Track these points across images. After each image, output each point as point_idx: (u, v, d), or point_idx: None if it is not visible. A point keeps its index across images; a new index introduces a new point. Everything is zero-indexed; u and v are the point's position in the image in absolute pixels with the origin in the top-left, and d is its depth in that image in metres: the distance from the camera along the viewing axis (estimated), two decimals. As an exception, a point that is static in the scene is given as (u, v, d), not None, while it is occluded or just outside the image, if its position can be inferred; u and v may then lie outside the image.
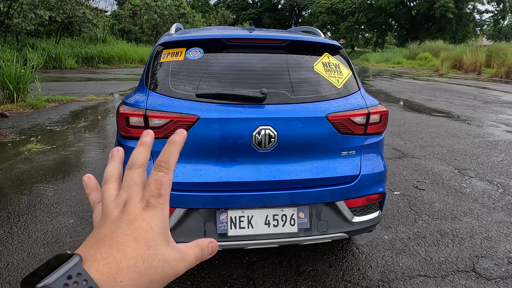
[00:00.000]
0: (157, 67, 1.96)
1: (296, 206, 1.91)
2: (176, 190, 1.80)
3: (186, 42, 1.98)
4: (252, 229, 1.86)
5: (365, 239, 2.71)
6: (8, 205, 3.09)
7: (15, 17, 14.99)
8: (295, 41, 2.05)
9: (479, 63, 19.39)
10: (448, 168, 4.34)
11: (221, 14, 38.44)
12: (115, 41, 22.04)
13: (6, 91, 7.24)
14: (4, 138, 5.11)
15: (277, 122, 1.81)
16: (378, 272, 2.33)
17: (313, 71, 2.00)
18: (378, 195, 2.07)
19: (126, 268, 0.34)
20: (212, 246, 0.42)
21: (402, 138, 5.69)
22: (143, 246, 0.35)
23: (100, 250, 0.34)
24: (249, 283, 2.19)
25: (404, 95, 10.48)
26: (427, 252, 2.56)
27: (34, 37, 18.02)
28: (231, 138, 1.80)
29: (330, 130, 1.89)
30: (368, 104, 1.99)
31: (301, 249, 2.54)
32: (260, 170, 1.85)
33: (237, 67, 2.01)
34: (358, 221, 2.00)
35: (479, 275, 2.31)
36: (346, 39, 49.17)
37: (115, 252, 0.34)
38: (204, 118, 1.76)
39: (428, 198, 3.49)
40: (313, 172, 1.90)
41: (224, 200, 1.83)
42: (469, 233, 2.85)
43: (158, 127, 1.76)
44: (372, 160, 2.04)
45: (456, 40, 34.62)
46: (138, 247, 0.35)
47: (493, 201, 3.45)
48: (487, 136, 5.95)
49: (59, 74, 14.10)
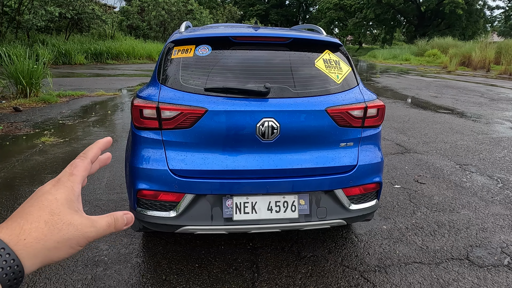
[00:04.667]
0: (168, 63, 2.10)
1: (297, 193, 2.04)
2: (186, 177, 1.94)
3: (195, 40, 2.11)
4: (255, 214, 2.00)
5: (364, 228, 2.84)
6: (27, 194, 3.27)
7: (26, 13, 15.28)
8: (298, 39, 2.18)
9: (488, 60, 19.21)
10: (449, 163, 4.43)
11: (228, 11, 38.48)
12: (123, 37, 22.28)
13: (19, 86, 7.46)
14: (19, 131, 5.31)
15: (280, 115, 1.94)
16: (375, 258, 2.46)
17: (314, 67, 2.12)
18: (375, 185, 2.19)
19: (29, 229, 0.39)
20: (127, 217, 0.48)
21: (405, 134, 5.77)
22: (46, 213, 0.41)
23: (7, 221, 0.41)
24: (253, 266, 2.33)
25: (410, 92, 10.51)
26: (424, 241, 2.68)
27: (44, 33, 18.32)
28: (237, 129, 1.93)
29: (329, 122, 2.01)
30: (366, 98, 2.11)
31: (302, 236, 2.67)
32: (263, 159, 1.98)
33: (243, 63, 2.14)
34: (356, 208, 2.13)
35: (472, 263, 2.42)
36: (353, 36, 48.88)
37: (20, 219, 0.40)
38: (212, 111, 1.90)
39: (428, 191, 3.60)
40: (313, 162, 2.03)
41: (229, 187, 1.97)
42: (465, 224, 2.96)
43: (169, 118, 1.91)
44: (369, 151, 2.16)
45: (465, 36, 34.22)
46: (41, 214, 0.41)
47: (491, 195, 3.54)
48: (491, 133, 6.00)
49: (69, 70, 14.36)
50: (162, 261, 2.36)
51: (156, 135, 1.94)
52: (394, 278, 2.25)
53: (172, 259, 2.38)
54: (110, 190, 3.38)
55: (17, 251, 0.38)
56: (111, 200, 3.19)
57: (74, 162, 0.48)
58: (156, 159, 1.95)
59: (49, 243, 0.40)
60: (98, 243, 2.53)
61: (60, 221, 0.42)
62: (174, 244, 2.54)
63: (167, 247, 2.51)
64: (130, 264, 2.32)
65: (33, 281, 2.12)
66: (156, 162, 1.95)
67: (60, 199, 0.43)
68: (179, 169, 1.94)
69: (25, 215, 0.41)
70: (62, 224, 0.42)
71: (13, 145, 4.69)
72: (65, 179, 0.46)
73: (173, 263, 2.34)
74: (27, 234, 0.39)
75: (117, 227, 0.47)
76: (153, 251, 2.46)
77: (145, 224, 2.07)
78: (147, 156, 1.96)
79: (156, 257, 2.40)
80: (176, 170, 1.94)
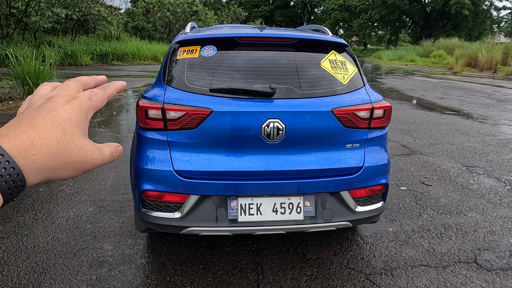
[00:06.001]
0: (173, 63, 2.10)
1: (302, 195, 2.02)
2: (191, 178, 1.94)
3: (200, 40, 2.11)
4: (260, 216, 1.99)
5: (370, 231, 2.81)
6: (32, 194, 3.29)
7: (32, 15, 15.43)
8: (303, 39, 2.16)
9: (495, 61, 19.02)
10: (456, 165, 4.38)
11: (233, 12, 38.56)
12: (128, 38, 22.41)
13: (26, 87, 7.52)
14: (25, 132, 5.35)
15: (285, 116, 1.93)
16: (381, 261, 2.43)
17: (320, 67, 2.10)
18: (381, 187, 2.16)
19: (40, 145, 0.37)
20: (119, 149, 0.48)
21: (411, 135, 5.73)
22: (59, 131, 0.39)
23: (15, 129, 0.37)
24: (258, 268, 2.32)
25: (416, 93, 10.43)
26: (430, 244, 2.65)
27: (51, 34, 18.49)
28: (242, 130, 1.92)
29: (335, 123, 2.00)
30: (372, 99, 2.09)
31: (308, 238, 2.65)
32: (268, 161, 1.97)
33: (248, 63, 2.13)
34: (362, 210, 2.10)
35: (480, 266, 2.39)
36: (358, 37, 48.73)
37: (30, 131, 0.37)
38: (217, 111, 1.89)
39: (434, 193, 3.56)
40: (318, 163, 2.01)
41: (234, 188, 1.96)
42: (473, 227, 2.92)
43: (174, 119, 1.90)
44: (375, 153, 2.14)
45: (472, 37, 33.95)
46: (54, 130, 0.38)
47: (499, 197, 3.50)
48: (498, 134, 5.93)
49: (74, 70, 14.46)
50: (167, 262, 2.35)
51: (161, 136, 1.94)
52: (401, 281, 2.22)
53: (176, 260, 2.38)
54: (115, 191, 3.39)
55: (23, 166, 0.36)
56: (116, 200, 3.19)
57: (95, 90, 0.45)
58: (161, 160, 1.95)
59: (57, 163, 0.39)
60: (103, 243, 2.53)
61: (72, 142, 0.40)
62: (178, 245, 2.53)
63: (172, 248, 2.50)
64: (135, 265, 2.31)
65: (38, 281, 2.13)
66: (161, 163, 1.94)
67: (74, 119, 0.41)
68: (184, 170, 1.93)
69: (36, 128, 0.37)
70: (73, 146, 0.40)
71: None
72: (83, 100, 0.43)
73: (178, 264, 2.33)
74: (37, 150, 0.37)
75: (114, 157, 0.46)
76: (157, 252, 2.46)
77: (149, 225, 2.07)
78: (152, 157, 1.96)
79: (161, 258, 2.39)
80: (181, 171, 1.93)
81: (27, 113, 0.39)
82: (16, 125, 0.37)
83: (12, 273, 2.19)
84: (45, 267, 2.26)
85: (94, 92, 0.45)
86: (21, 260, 2.32)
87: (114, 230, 2.72)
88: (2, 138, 0.36)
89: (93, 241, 2.56)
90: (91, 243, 2.54)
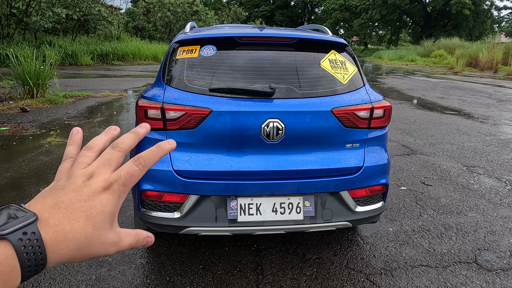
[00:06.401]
0: (173, 63, 2.09)
1: (302, 195, 2.02)
2: (190, 178, 1.93)
3: (200, 40, 2.10)
4: (260, 216, 1.98)
5: (369, 231, 2.80)
6: (33, 193, 3.29)
7: (33, 15, 15.44)
8: (303, 39, 2.16)
9: (495, 60, 19.00)
10: (456, 165, 4.37)
11: (233, 12, 38.56)
12: (129, 38, 22.42)
13: (26, 87, 7.52)
14: (25, 132, 5.35)
15: (285, 115, 1.93)
16: (381, 261, 2.42)
17: (320, 67, 2.10)
18: (381, 187, 2.16)
19: (70, 240, 0.38)
20: (148, 240, 0.47)
21: (412, 135, 5.72)
22: (90, 225, 0.39)
23: (54, 216, 0.38)
24: (257, 268, 2.31)
25: (416, 93, 10.42)
26: (430, 244, 2.64)
27: (51, 34, 18.50)
28: (241, 130, 1.92)
29: (335, 123, 1.99)
30: (372, 99, 2.08)
31: (308, 238, 2.65)
32: (268, 160, 1.96)
33: (248, 63, 2.13)
34: (361, 210, 2.10)
35: (480, 267, 2.38)
36: (359, 37, 48.71)
37: (66, 223, 0.38)
38: (216, 111, 1.89)
39: (434, 193, 3.55)
40: (318, 163, 2.01)
41: (234, 188, 1.96)
42: (473, 227, 2.91)
43: (174, 119, 1.90)
44: (375, 152, 2.13)
45: (472, 37, 33.91)
46: (86, 225, 0.39)
47: (500, 197, 3.49)
48: (499, 134, 5.92)
49: (75, 70, 14.47)
50: (166, 262, 2.35)
51: (161, 136, 1.94)
52: (401, 282, 2.22)
53: (176, 260, 2.37)
54: (115, 191, 3.38)
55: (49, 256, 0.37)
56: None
57: (132, 172, 0.43)
58: (160, 159, 1.94)
59: (77, 255, 0.39)
60: (103, 243, 2.53)
61: (97, 237, 0.40)
62: (178, 245, 2.53)
63: (171, 248, 2.50)
64: (134, 265, 2.31)
65: (38, 281, 2.13)
66: (161, 163, 1.94)
67: (106, 212, 0.41)
68: (184, 170, 1.93)
69: (72, 221, 0.38)
70: (97, 241, 0.40)
71: (20, 145, 4.72)
72: (117, 188, 0.42)
73: (177, 264, 2.33)
74: (65, 245, 0.38)
75: (135, 247, 0.46)
76: (157, 252, 2.45)
77: (149, 225, 2.06)
78: (152, 157, 1.95)
79: (160, 258, 2.39)
80: (181, 171, 1.93)
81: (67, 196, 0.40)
82: (56, 208, 0.38)
83: (11, 273, 2.19)
84: (45, 267, 2.26)
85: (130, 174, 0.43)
86: (21, 260, 2.32)
87: (114, 230, 2.71)
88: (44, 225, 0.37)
89: (92, 241, 2.56)
90: (91, 243, 2.53)
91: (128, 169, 0.43)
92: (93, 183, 0.41)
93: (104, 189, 0.41)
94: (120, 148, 0.45)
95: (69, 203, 0.39)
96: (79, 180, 0.41)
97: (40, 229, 0.36)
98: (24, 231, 0.35)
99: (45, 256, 0.36)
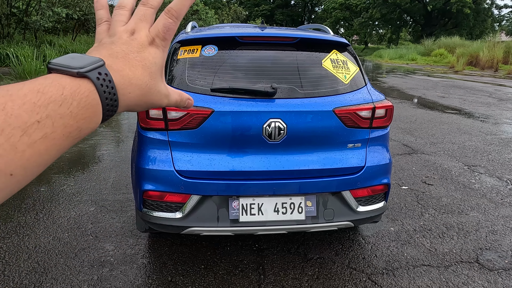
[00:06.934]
0: (174, 63, 2.09)
1: (303, 195, 2.02)
2: (192, 178, 1.93)
3: (201, 40, 2.10)
4: (262, 216, 1.98)
5: (371, 230, 2.80)
6: (33, 193, 3.29)
7: (33, 14, 15.42)
8: (305, 38, 2.15)
9: (496, 59, 18.97)
10: (458, 164, 4.37)
11: (233, 11, 38.51)
12: (129, 38, 22.37)
13: (27, 86, 7.51)
14: (26, 131, 5.35)
15: (287, 115, 1.92)
16: (383, 261, 2.42)
17: (322, 67, 2.10)
18: (383, 186, 2.16)
19: (134, 85, 0.41)
20: (189, 102, 0.53)
21: (412, 134, 5.72)
22: (147, 74, 0.43)
23: (116, 63, 0.40)
24: (259, 268, 2.31)
25: (417, 92, 10.41)
26: (432, 244, 2.64)
27: (52, 34, 18.48)
28: (243, 130, 1.92)
29: (337, 123, 1.99)
30: (374, 99, 2.08)
31: (309, 238, 2.65)
32: (270, 160, 1.96)
33: (250, 63, 2.12)
34: (363, 210, 2.10)
35: (482, 266, 2.38)
36: (359, 35, 48.64)
37: (128, 69, 0.41)
38: (218, 111, 1.88)
39: (436, 193, 3.55)
40: (320, 163, 2.01)
41: (236, 188, 1.96)
42: (474, 226, 2.91)
43: (175, 119, 1.90)
44: (377, 152, 2.13)
45: (473, 36, 33.85)
46: (144, 73, 0.42)
47: (501, 197, 3.49)
48: (500, 134, 5.92)
49: (75, 70, 14.45)
50: (168, 262, 2.35)
51: (162, 136, 1.94)
52: (402, 281, 2.22)
53: (178, 260, 2.37)
54: (116, 191, 3.39)
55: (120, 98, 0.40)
56: (117, 200, 3.19)
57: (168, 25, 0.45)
58: (162, 160, 1.94)
59: (141, 101, 0.43)
60: (104, 243, 2.53)
61: (155, 86, 0.44)
62: (180, 245, 2.53)
63: (173, 248, 2.50)
64: (136, 265, 2.31)
65: (40, 282, 2.13)
66: (162, 163, 1.94)
67: (158, 63, 0.44)
68: (185, 170, 1.93)
69: (132, 68, 0.41)
70: (155, 89, 0.44)
71: (21, 145, 4.72)
72: (159, 42, 0.45)
73: (179, 264, 2.33)
74: (132, 90, 0.41)
75: (179, 106, 0.51)
76: (159, 252, 2.45)
77: (151, 225, 2.06)
78: (153, 157, 1.96)
79: (162, 258, 2.39)
80: (182, 171, 1.93)
81: (119, 47, 0.42)
82: (114, 57, 0.41)
83: (13, 273, 2.19)
84: (47, 267, 2.26)
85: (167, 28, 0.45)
86: (23, 260, 2.32)
87: (115, 230, 2.72)
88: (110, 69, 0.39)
89: (94, 241, 2.56)
90: (93, 243, 2.54)
91: (163, 22, 0.45)
92: (139, 37, 0.44)
93: (149, 43, 0.44)
94: (151, 4, 0.47)
95: (124, 54, 0.42)
96: (124, 35, 0.44)
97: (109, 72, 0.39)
98: (99, 71, 0.37)
99: (117, 97, 0.39)
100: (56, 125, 0.33)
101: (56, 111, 0.33)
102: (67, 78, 0.35)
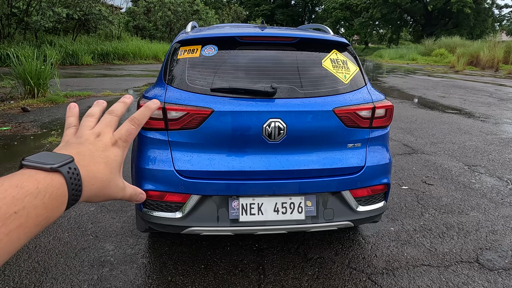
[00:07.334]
0: (174, 63, 2.09)
1: (303, 194, 2.02)
2: (192, 177, 1.93)
3: (201, 40, 2.10)
4: (262, 216, 1.98)
5: (371, 230, 2.80)
6: (33, 193, 3.29)
7: (34, 14, 15.44)
8: (305, 38, 2.15)
9: (496, 59, 18.97)
10: (458, 164, 4.37)
11: (234, 11, 38.51)
12: (129, 38, 22.41)
13: (27, 86, 7.53)
14: (26, 131, 5.36)
15: (286, 115, 1.92)
16: (383, 261, 2.42)
17: (322, 67, 2.10)
18: (383, 186, 2.16)
19: (98, 178, 0.47)
20: (141, 197, 0.58)
21: (413, 134, 5.71)
22: (108, 169, 0.50)
23: (83, 159, 0.47)
24: (259, 267, 2.31)
25: (417, 92, 10.41)
26: (432, 244, 2.64)
27: (52, 34, 18.50)
28: (243, 129, 1.92)
29: (337, 123, 1.99)
30: (373, 98, 2.08)
31: (309, 238, 2.65)
32: (270, 160, 1.96)
33: (249, 63, 2.12)
34: (363, 210, 2.10)
35: (482, 266, 2.38)
36: (360, 35, 48.62)
37: (92, 165, 0.47)
38: (218, 111, 1.88)
39: (436, 192, 3.55)
40: (320, 163, 2.01)
41: (236, 188, 1.96)
42: (475, 226, 2.91)
43: (175, 119, 1.90)
44: (377, 152, 2.13)
45: (473, 36, 33.84)
46: (106, 168, 0.49)
47: (501, 197, 3.49)
48: (500, 133, 5.92)
49: (76, 70, 14.47)
50: (168, 262, 2.35)
51: (162, 136, 1.94)
52: (402, 281, 2.22)
53: (178, 260, 2.38)
54: (116, 190, 3.39)
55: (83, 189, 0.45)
56: (117, 200, 3.19)
57: (130, 130, 0.54)
58: (162, 159, 1.94)
59: (100, 193, 0.49)
60: (104, 243, 2.53)
61: (113, 180, 0.50)
62: (180, 245, 2.53)
63: (173, 248, 2.50)
64: (136, 265, 2.31)
65: (40, 281, 2.13)
66: (162, 163, 1.94)
67: (118, 161, 0.52)
68: (185, 170, 1.93)
69: (97, 164, 0.48)
70: (113, 183, 0.50)
71: (21, 145, 4.73)
72: (121, 143, 0.53)
73: (179, 264, 2.33)
74: (94, 182, 0.47)
75: (131, 200, 0.57)
76: (159, 252, 2.46)
77: (151, 225, 2.07)
78: (153, 157, 1.96)
79: (162, 258, 2.39)
80: (182, 171, 1.93)
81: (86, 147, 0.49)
82: (82, 155, 0.47)
83: (13, 273, 2.20)
84: (47, 267, 2.26)
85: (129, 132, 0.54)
86: (23, 260, 2.33)
87: (115, 229, 2.72)
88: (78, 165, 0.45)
89: (94, 241, 2.56)
90: (93, 243, 2.54)
91: (127, 128, 0.55)
92: (104, 139, 0.52)
93: (112, 144, 0.52)
94: (115, 113, 0.56)
95: (90, 152, 0.49)
96: (91, 137, 0.52)
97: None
98: (69, 166, 0.43)
99: (81, 189, 0.45)
100: (30, 215, 0.37)
101: (31, 202, 0.38)
102: (42, 173, 0.41)
